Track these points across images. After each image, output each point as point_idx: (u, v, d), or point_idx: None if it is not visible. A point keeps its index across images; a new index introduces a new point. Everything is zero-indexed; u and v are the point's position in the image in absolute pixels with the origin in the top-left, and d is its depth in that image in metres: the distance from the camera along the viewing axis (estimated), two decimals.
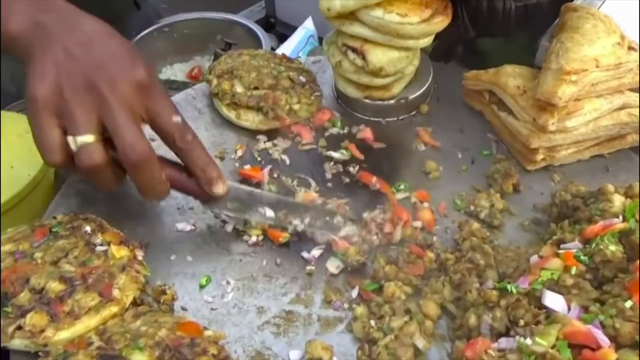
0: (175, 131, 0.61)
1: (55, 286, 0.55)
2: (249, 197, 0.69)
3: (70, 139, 0.57)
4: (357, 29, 0.76)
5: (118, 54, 0.59)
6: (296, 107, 0.83)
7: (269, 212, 0.68)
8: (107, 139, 0.58)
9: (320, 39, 1.63)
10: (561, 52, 0.69)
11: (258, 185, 0.76)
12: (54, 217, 0.66)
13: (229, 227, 0.71)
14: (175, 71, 1.42)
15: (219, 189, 0.64)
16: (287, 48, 1.49)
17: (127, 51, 0.60)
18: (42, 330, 0.52)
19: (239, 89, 0.82)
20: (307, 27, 1.61)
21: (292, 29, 1.76)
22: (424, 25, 0.74)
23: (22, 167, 0.95)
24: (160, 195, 0.63)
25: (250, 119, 0.82)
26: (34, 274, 0.56)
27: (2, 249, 0.59)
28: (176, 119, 0.61)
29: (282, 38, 1.65)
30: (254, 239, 0.70)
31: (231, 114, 0.83)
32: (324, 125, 0.85)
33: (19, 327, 0.52)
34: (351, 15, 0.76)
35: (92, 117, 0.57)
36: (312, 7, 1.75)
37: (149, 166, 0.58)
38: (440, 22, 0.76)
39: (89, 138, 0.56)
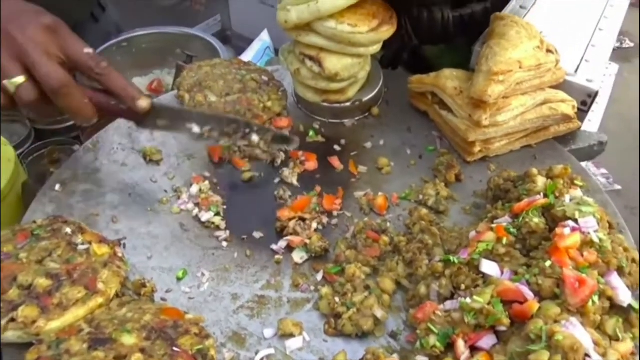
0: (89, 60, 0.68)
1: (42, 282, 0.59)
2: (176, 114, 0.75)
3: (5, 83, 0.64)
4: (312, 38, 0.83)
5: (24, 9, 0.67)
6: (269, 104, 0.90)
7: (195, 128, 0.75)
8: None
9: (277, 50, 1.71)
10: (490, 56, 0.79)
11: None
12: (34, 222, 0.69)
13: (209, 214, 0.77)
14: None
15: (143, 103, 0.70)
16: (245, 59, 1.56)
17: (32, 6, 0.68)
18: (34, 321, 0.56)
19: (212, 98, 0.88)
20: (264, 39, 1.68)
21: (248, 41, 1.82)
22: (373, 34, 0.82)
23: None
24: (87, 117, 0.69)
25: None
26: (21, 272, 0.60)
27: None
28: (87, 50, 0.68)
29: (238, 50, 1.72)
30: (223, 234, 0.76)
31: None
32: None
33: (12, 320, 0.56)
34: (307, 27, 0.83)
35: (16, 62, 0.64)
36: (267, 20, 1.84)
37: (69, 90, 0.65)
38: (387, 31, 0.84)
39: (20, 79, 0.64)
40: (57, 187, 0.80)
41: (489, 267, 0.61)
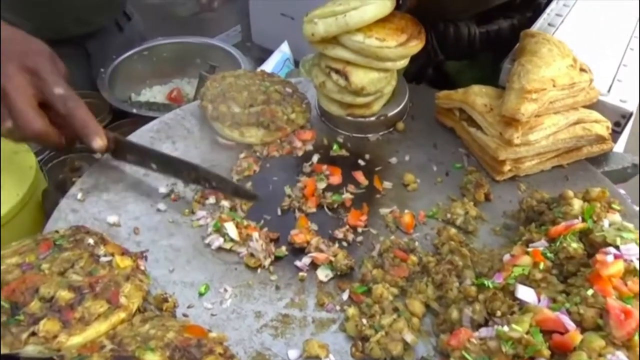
0: (58, 100, 0.72)
1: (64, 295, 0.57)
2: (142, 152, 0.81)
3: None
4: (339, 52, 0.82)
5: (7, 40, 0.70)
6: (292, 116, 0.89)
7: (156, 167, 0.80)
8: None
9: (296, 62, 1.70)
10: (522, 73, 0.77)
11: None
12: (57, 231, 0.68)
13: (219, 241, 0.74)
14: (155, 93, 1.45)
15: (96, 143, 0.75)
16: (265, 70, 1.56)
17: (19, 37, 0.72)
18: (55, 336, 0.54)
19: (236, 109, 0.87)
20: (284, 50, 1.68)
21: (268, 52, 1.82)
22: (401, 49, 0.81)
23: (12, 186, 0.97)
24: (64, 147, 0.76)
25: (254, 135, 0.87)
26: (42, 284, 0.58)
27: (8, 261, 0.62)
28: (58, 90, 0.72)
29: (257, 61, 1.71)
30: (244, 251, 0.74)
31: (234, 134, 0.87)
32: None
33: (33, 334, 0.54)
34: (334, 40, 0.82)
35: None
36: (287, 32, 1.84)
37: (47, 137, 0.72)
38: (415, 46, 0.83)
39: (8, 123, 0.69)
40: (79, 196, 0.79)
41: (525, 293, 0.58)
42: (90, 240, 0.65)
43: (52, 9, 0.70)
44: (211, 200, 0.80)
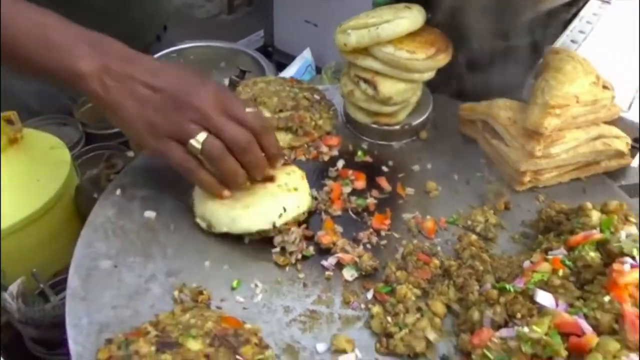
0: (252, 118, 0.74)
1: None
2: None
3: (192, 142, 0.70)
4: (369, 62, 0.86)
5: (183, 74, 0.72)
6: (320, 122, 0.92)
7: None
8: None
9: (318, 69, 1.75)
10: (546, 89, 0.80)
11: None
12: None
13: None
14: None
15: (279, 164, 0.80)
16: (286, 76, 1.61)
17: (187, 71, 0.74)
18: None
19: (267, 114, 0.91)
20: (306, 57, 1.72)
21: (289, 57, 1.87)
22: (430, 61, 0.85)
23: (48, 181, 1.01)
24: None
25: (282, 139, 0.91)
26: None
27: None
28: (249, 109, 0.74)
29: (279, 66, 1.76)
30: (275, 249, 0.78)
31: None
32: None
33: None
34: (364, 51, 0.86)
35: (194, 124, 0.70)
36: (310, 38, 1.89)
37: (254, 146, 0.73)
38: (443, 59, 0.86)
39: (203, 135, 0.70)
40: (118, 192, 0.83)
41: (544, 298, 0.61)
42: None
43: (105, 25, 0.74)
44: None
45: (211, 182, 0.75)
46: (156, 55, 1.44)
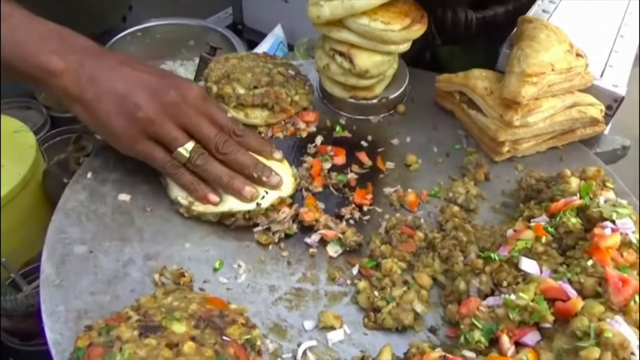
0: (232, 123, 0.77)
1: None
2: None
3: (180, 150, 0.70)
4: (344, 35, 0.84)
5: (159, 71, 0.71)
6: (296, 98, 0.90)
7: None
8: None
9: (289, 46, 1.71)
10: (522, 58, 0.80)
11: None
12: None
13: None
14: None
15: (278, 155, 0.81)
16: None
17: (164, 72, 0.74)
18: None
19: (241, 90, 0.88)
20: (277, 34, 1.68)
21: (260, 35, 1.82)
22: (405, 32, 0.83)
23: (12, 166, 0.97)
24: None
25: (258, 116, 0.89)
26: None
27: None
28: (229, 114, 0.76)
29: (250, 44, 1.71)
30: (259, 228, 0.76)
31: (239, 115, 0.88)
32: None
33: None
34: (339, 23, 0.84)
35: (180, 130, 0.70)
36: (280, 14, 1.84)
37: (235, 147, 0.75)
38: (418, 30, 0.85)
39: (190, 144, 0.71)
40: (89, 175, 0.80)
41: (528, 265, 0.62)
42: None
43: (69, 10, 0.70)
44: None
45: (197, 188, 0.73)
46: (120, 35, 1.38)
